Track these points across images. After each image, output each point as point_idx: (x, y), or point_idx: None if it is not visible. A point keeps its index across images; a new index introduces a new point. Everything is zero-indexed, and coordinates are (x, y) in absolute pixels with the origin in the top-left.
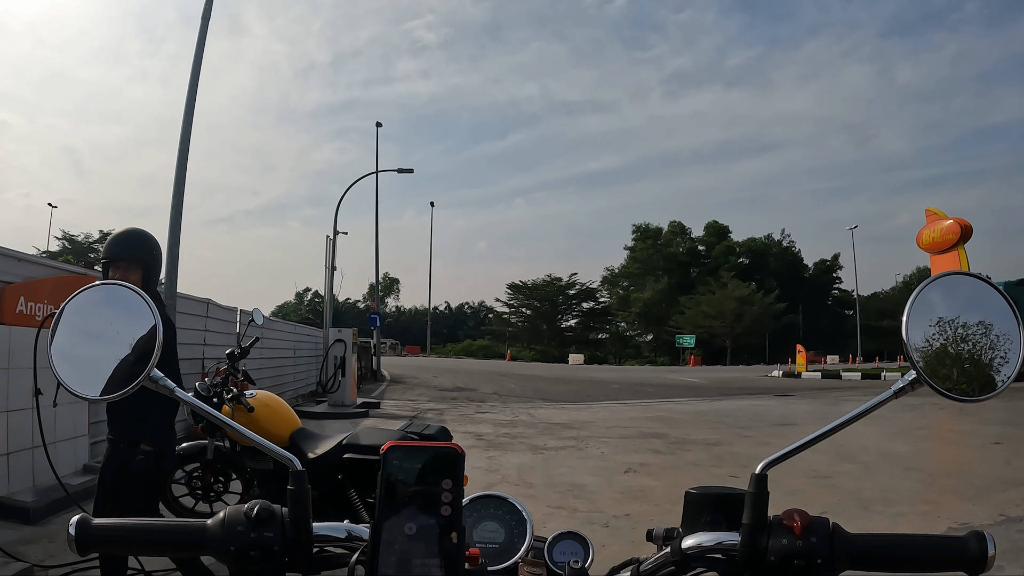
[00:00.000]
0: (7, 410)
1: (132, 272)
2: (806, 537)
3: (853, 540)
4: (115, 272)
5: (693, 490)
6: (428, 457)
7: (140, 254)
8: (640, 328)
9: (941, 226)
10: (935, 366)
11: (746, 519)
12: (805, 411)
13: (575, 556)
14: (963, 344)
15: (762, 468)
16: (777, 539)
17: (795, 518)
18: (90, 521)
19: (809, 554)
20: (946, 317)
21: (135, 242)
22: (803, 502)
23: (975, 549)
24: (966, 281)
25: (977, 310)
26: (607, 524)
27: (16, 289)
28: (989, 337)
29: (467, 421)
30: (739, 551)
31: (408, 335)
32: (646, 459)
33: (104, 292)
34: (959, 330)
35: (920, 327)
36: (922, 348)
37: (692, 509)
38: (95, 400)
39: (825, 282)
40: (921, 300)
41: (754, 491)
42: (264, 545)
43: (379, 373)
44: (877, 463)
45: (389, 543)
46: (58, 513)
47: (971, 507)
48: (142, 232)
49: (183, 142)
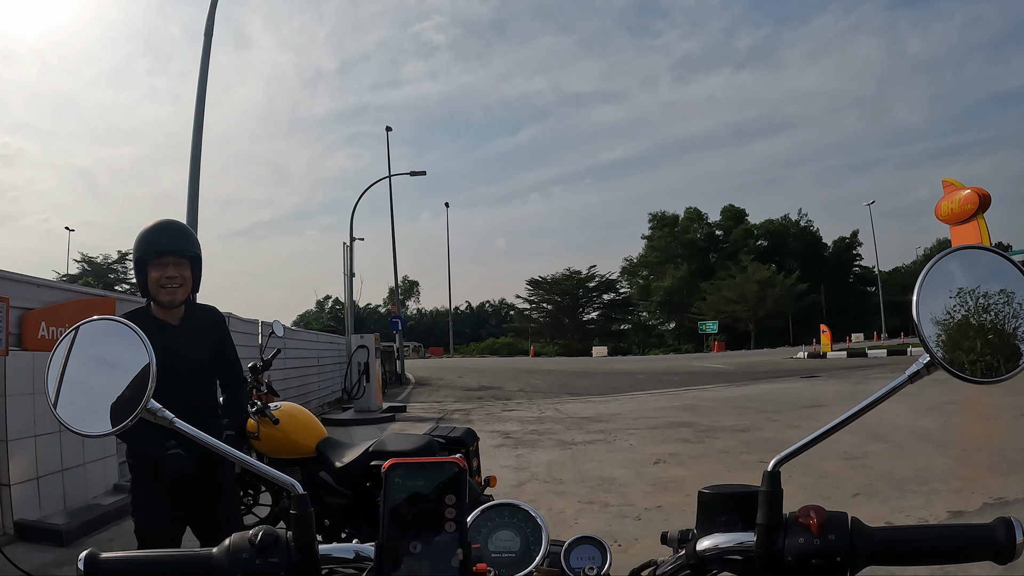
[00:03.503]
0: (35, 435)
1: (183, 267)
2: (824, 535)
3: (874, 535)
4: (160, 270)
5: (707, 490)
6: (430, 474)
7: (191, 245)
8: (662, 317)
9: (959, 196)
10: (950, 348)
11: (760, 519)
12: (833, 391)
13: (592, 561)
14: (978, 323)
15: (774, 465)
16: (794, 538)
17: (811, 515)
18: (98, 555)
19: (828, 552)
20: (958, 296)
21: (183, 232)
22: (836, 484)
23: (1003, 537)
24: (977, 255)
25: (991, 284)
26: (639, 517)
27: (37, 315)
28: (1005, 313)
29: (494, 420)
30: (755, 552)
31: (431, 337)
32: (675, 449)
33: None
34: (973, 308)
35: (931, 308)
36: (935, 330)
37: (707, 509)
38: (94, 437)
39: (845, 260)
40: (930, 280)
41: (767, 489)
42: (270, 571)
43: (404, 376)
44: (908, 441)
45: (394, 563)
46: (90, 534)
47: (1006, 481)
48: (181, 223)
49: (194, 157)
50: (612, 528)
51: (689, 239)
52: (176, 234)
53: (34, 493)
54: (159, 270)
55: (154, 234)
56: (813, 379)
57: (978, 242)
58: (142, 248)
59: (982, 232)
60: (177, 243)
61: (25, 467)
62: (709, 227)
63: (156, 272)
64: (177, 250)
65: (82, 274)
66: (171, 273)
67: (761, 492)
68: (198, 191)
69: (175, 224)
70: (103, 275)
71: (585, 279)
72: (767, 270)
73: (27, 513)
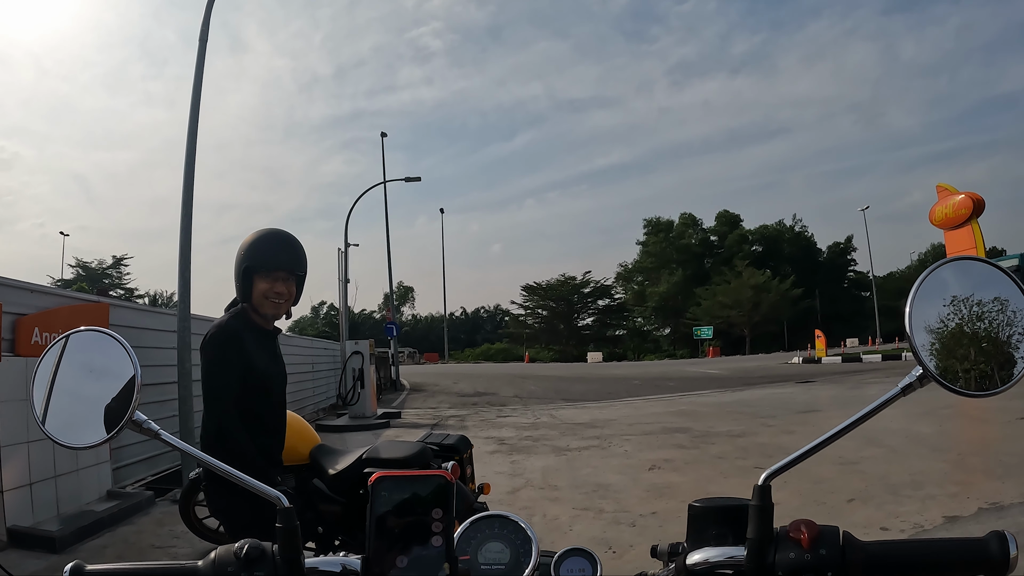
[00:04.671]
0: (28, 441)
1: (291, 284)
2: (815, 549)
3: (866, 549)
4: (269, 283)
5: (697, 503)
6: (417, 487)
7: (303, 264)
8: (657, 322)
9: (953, 201)
10: (944, 357)
11: (751, 533)
12: (829, 396)
13: (582, 573)
14: (972, 332)
15: (764, 479)
16: (784, 553)
17: (802, 530)
18: (84, 567)
19: (819, 567)
20: (952, 304)
21: (298, 250)
22: (831, 490)
23: (996, 551)
24: (970, 266)
25: (984, 293)
26: (634, 523)
27: (30, 320)
28: (999, 322)
29: (489, 426)
30: (745, 566)
31: (426, 343)
32: (671, 455)
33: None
34: (967, 317)
35: (925, 319)
36: (928, 340)
37: (697, 523)
38: (80, 448)
39: (840, 265)
40: (924, 291)
41: (757, 503)
42: None
43: (399, 382)
44: (904, 446)
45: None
46: (84, 541)
47: (1001, 485)
48: (296, 239)
49: (188, 162)
50: (607, 535)
51: (684, 244)
52: (292, 251)
53: (27, 499)
54: (268, 283)
55: (271, 246)
56: (808, 384)
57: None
58: (255, 258)
59: (976, 237)
60: (292, 261)
61: (18, 473)
62: (704, 232)
63: (265, 284)
64: (291, 268)
65: (76, 279)
66: (280, 289)
67: (751, 506)
68: (192, 196)
69: (292, 239)
70: (98, 280)
71: (580, 284)
72: (762, 275)
73: (20, 520)
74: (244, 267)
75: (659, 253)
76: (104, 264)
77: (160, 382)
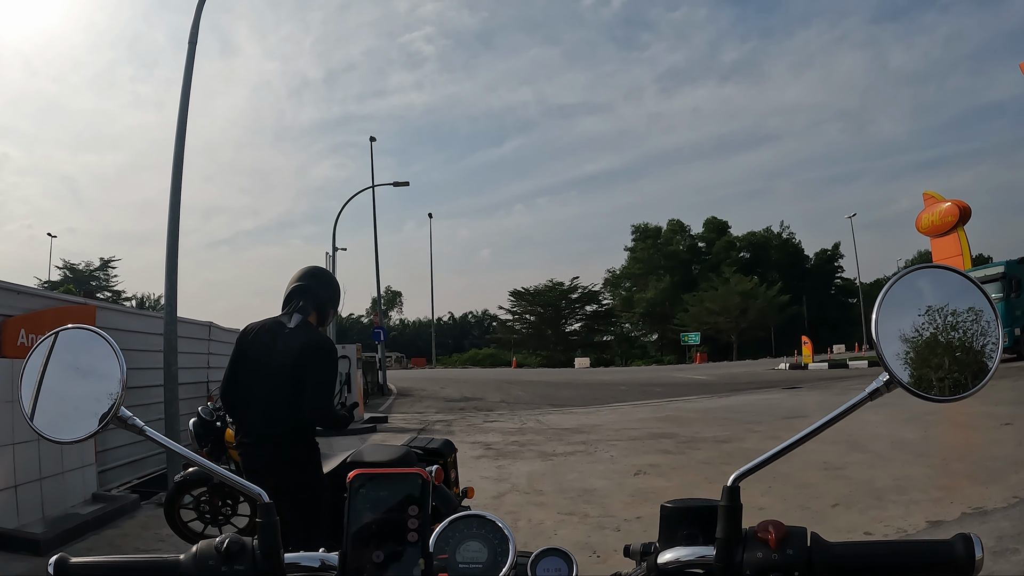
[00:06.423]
0: (13, 443)
1: (311, 315)
2: (782, 549)
3: (833, 550)
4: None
5: (669, 504)
6: (394, 485)
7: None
8: (645, 328)
9: (940, 209)
10: (918, 366)
11: (720, 533)
12: (815, 402)
13: (558, 573)
14: (946, 341)
15: (733, 480)
16: (752, 552)
17: (770, 530)
18: (68, 560)
19: (786, 567)
20: (927, 314)
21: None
22: (815, 495)
23: (962, 552)
24: (938, 274)
25: (951, 302)
26: (618, 528)
27: (17, 322)
28: (973, 331)
29: (475, 431)
30: (714, 565)
31: (413, 347)
32: (656, 460)
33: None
34: (941, 326)
35: (896, 326)
36: (902, 348)
37: (669, 523)
38: (66, 443)
39: (827, 271)
40: (892, 299)
41: (726, 504)
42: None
43: (386, 387)
44: (888, 451)
45: (358, 572)
46: (69, 543)
47: (985, 490)
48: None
49: (176, 165)
50: (591, 539)
51: (672, 251)
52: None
53: (12, 501)
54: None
55: (322, 283)
56: (795, 390)
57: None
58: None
59: (962, 244)
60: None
61: (3, 475)
62: (692, 239)
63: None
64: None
65: (63, 281)
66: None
67: (721, 507)
68: (180, 199)
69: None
70: (85, 282)
71: (568, 290)
72: (749, 282)
73: (5, 522)
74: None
75: (647, 259)
76: (92, 266)
77: (146, 385)
